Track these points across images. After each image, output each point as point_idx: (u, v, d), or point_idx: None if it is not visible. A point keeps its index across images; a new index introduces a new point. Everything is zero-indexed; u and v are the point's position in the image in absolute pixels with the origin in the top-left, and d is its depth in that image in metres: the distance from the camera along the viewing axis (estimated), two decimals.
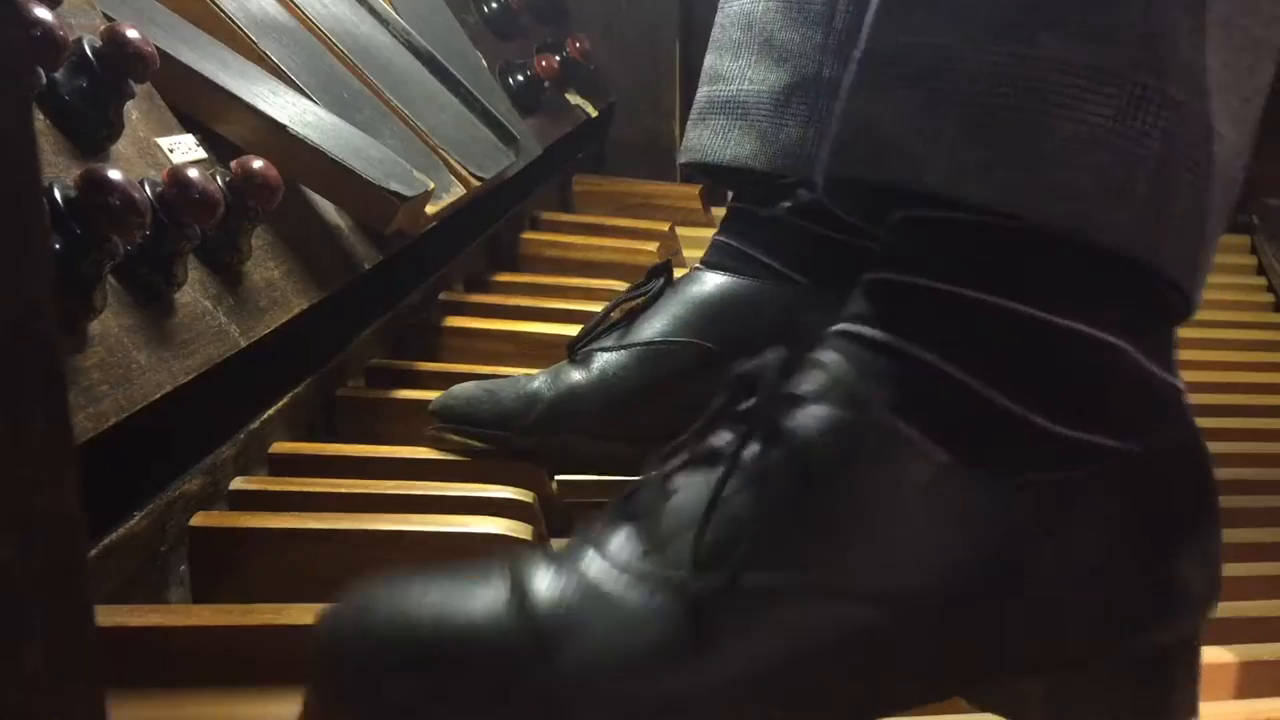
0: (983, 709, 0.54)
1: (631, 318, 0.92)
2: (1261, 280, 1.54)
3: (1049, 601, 0.50)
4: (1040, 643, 0.50)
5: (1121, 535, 0.50)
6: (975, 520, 0.49)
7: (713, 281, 0.92)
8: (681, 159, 0.93)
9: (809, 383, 0.50)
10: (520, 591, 0.48)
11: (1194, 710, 0.54)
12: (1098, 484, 0.50)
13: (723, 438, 0.50)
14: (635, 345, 0.88)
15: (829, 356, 0.51)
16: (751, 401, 0.50)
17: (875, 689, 0.49)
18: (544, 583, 0.48)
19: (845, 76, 0.52)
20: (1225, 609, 0.77)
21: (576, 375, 0.87)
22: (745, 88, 0.88)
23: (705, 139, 0.90)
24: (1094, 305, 0.50)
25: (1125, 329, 0.51)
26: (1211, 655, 0.71)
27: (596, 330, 0.90)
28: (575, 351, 0.89)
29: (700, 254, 1.59)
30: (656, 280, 0.94)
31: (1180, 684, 0.53)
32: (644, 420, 0.73)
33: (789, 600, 0.47)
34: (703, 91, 0.91)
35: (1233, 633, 0.74)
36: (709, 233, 1.59)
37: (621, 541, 0.49)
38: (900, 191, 0.50)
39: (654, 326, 0.90)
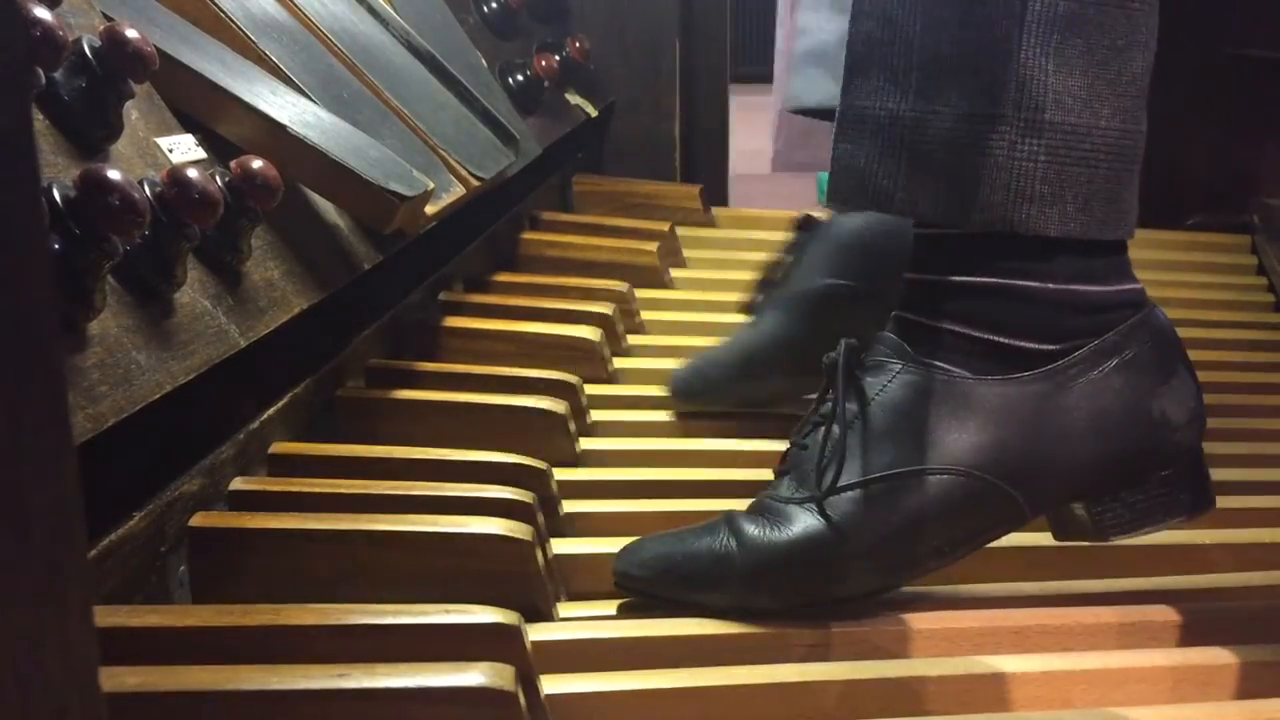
0: (1060, 531, 0.77)
1: (787, 271, 1.10)
2: (1261, 280, 1.54)
3: (1070, 450, 0.72)
4: (1074, 479, 0.73)
5: (1110, 393, 0.73)
6: (999, 411, 0.72)
7: (848, 225, 1.06)
8: (785, 106, 1.23)
9: (874, 354, 0.75)
10: (736, 530, 0.74)
11: (1211, 502, 0.76)
12: (1076, 368, 0.73)
13: (828, 405, 0.75)
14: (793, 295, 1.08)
15: (885, 335, 0.75)
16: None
17: (957, 533, 0.73)
18: (749, 525, 0.74)
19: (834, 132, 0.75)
20: (1225, 609, 0.77)
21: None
22: (821, 37, 1.13)
23: (797, 87, 1.16)
24: (1042, 268, 0.72)
25: (1075, 276, 0.72)
26: (1211, 655, 0.71)
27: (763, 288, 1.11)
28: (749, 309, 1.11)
29: (700, 254, 1.59)
30: (802, 233, 1.10)
31: (1192, 482, 0.75)
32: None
33: (888, 487, 0.72)
34: (794, 45, 1.16)
35: (1233, 633, 0.74)
36: (709, 232, 1.61)
37: (783, 486, 0.75)
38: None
39: (801, 278, 1.08)
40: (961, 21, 0.69)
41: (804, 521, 0.72)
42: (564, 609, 0.75)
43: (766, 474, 0.93)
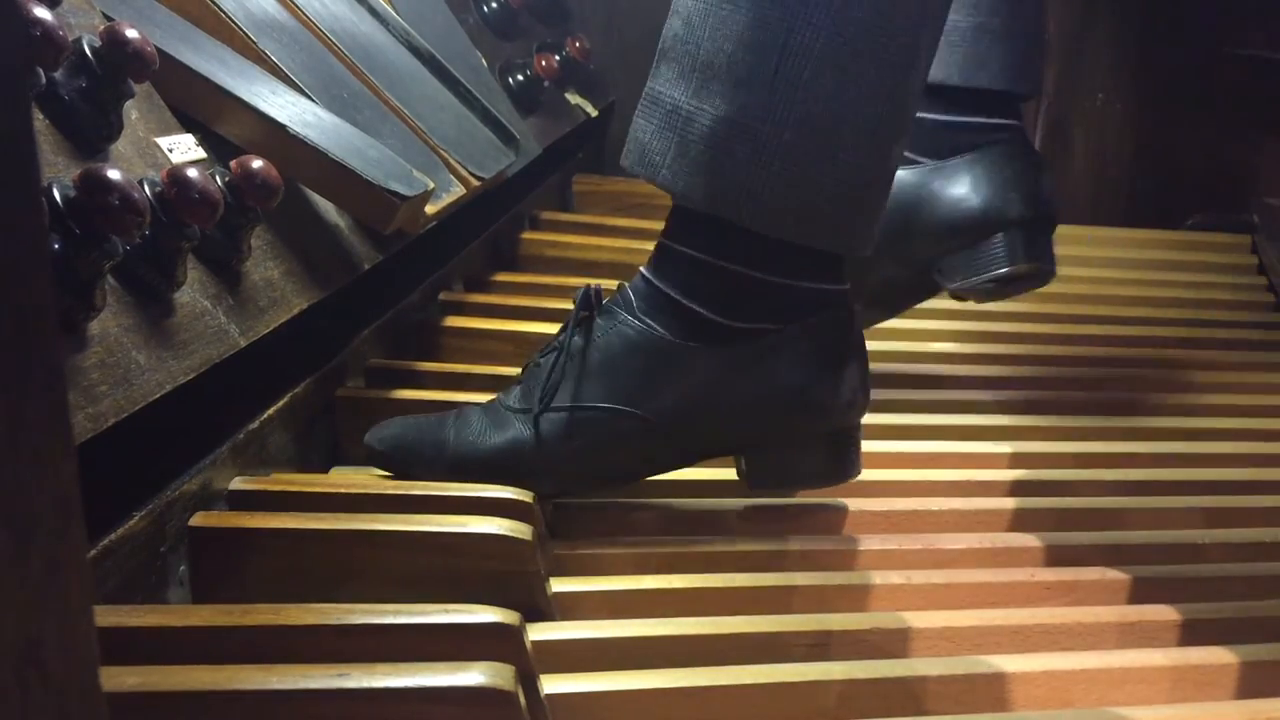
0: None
1: None
2: (1261, 280, 1.54)
3: (742, 412, 0.84)
4: (739, 437, 0.86)
5: (784, 373, 0.83)
6: (693, 372, 0.83)
7: None
8: None
9: (613, 300, 0.86)
10: (460, 424, 0.86)
11: (853, 473, 0.87)
12: (763, 346, 0.83)
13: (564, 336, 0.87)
14: None
15: (624, 288, 0.86)
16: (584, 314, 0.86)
17: (635, 465, 0.86)
18: (473, 422, 0.86)
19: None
20: (1225, 609, 0.77)
21: None
22: None
23: None
24: (756, 257, 0.82)
25: (779, 270, 0.82)
26: (1211, 655, 0.71)
27: None
28: None
29: None
30: None
31: (840, 456, 0.86)
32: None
33: (583, 416, 0.84)
34: None
35: (1233, 633, 0.74)
36: None
37: (513, 395, 0.86)
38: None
39: None
40: (738, 40, 0.79)
41: (515, 430, 0.85)
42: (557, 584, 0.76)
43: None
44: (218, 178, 0.74)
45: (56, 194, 0.60)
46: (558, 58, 1.51)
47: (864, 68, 0.79)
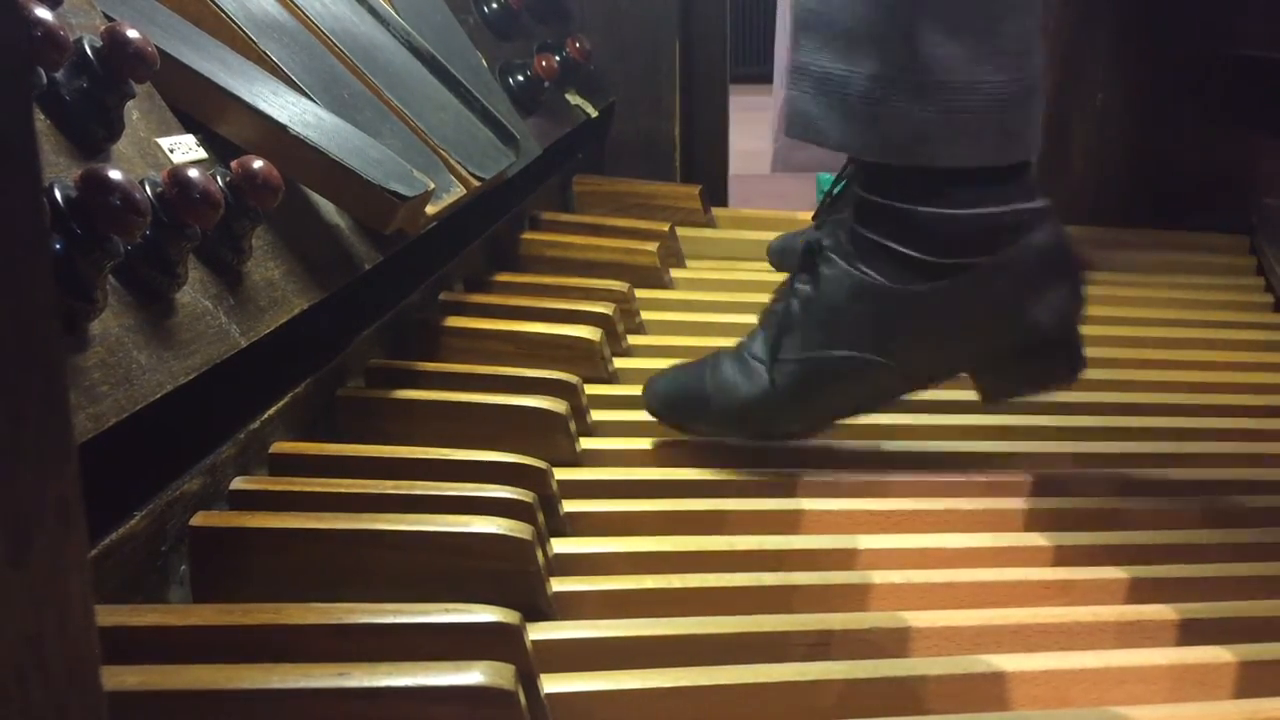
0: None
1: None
2: (1261, 280, 1.54)
3: (966, 340, 0.89)
4: (965, 358, 0.91)
5: (999, 301, 0.88)
6: (911, 310, 0.89)
7: None
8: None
9: (830, 250, 0.91)
10: (717, 374, 0.97)
11: (1080, 365, 0.92)
12: (973, 278, 0.87)
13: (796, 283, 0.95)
14: None
15: (840, 236, 0.91)
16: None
17: (874, 400, 0.95)
18: (727, 371, 0.97)
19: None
20: (1225, 609, 0.77)
21: None
22: None
23: None
24: (949, 192, 0.87)
25: (970, 201, 0.86)
26: (1211, 655, 0.71)
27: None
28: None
29: (700, 254, 1.59)
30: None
31: (1070, 357, 0.91)
32: None
33: (816, 364, 0.92)
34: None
35: (1233, 633, 0.74)
36: (709, 233, 1.61)
37: (757, 342, 0.96)
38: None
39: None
40: (867, 2, 0.85)
41: (760, 380, 0.94)
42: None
43: (764, 474, 0.94)
44: (219, 178, 0.74)
45: (58, 194, 0.60)
46: (558, 58, 1.51)
47: None
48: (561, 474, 0.89)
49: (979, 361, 0.91)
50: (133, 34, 0.70)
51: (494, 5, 1.51)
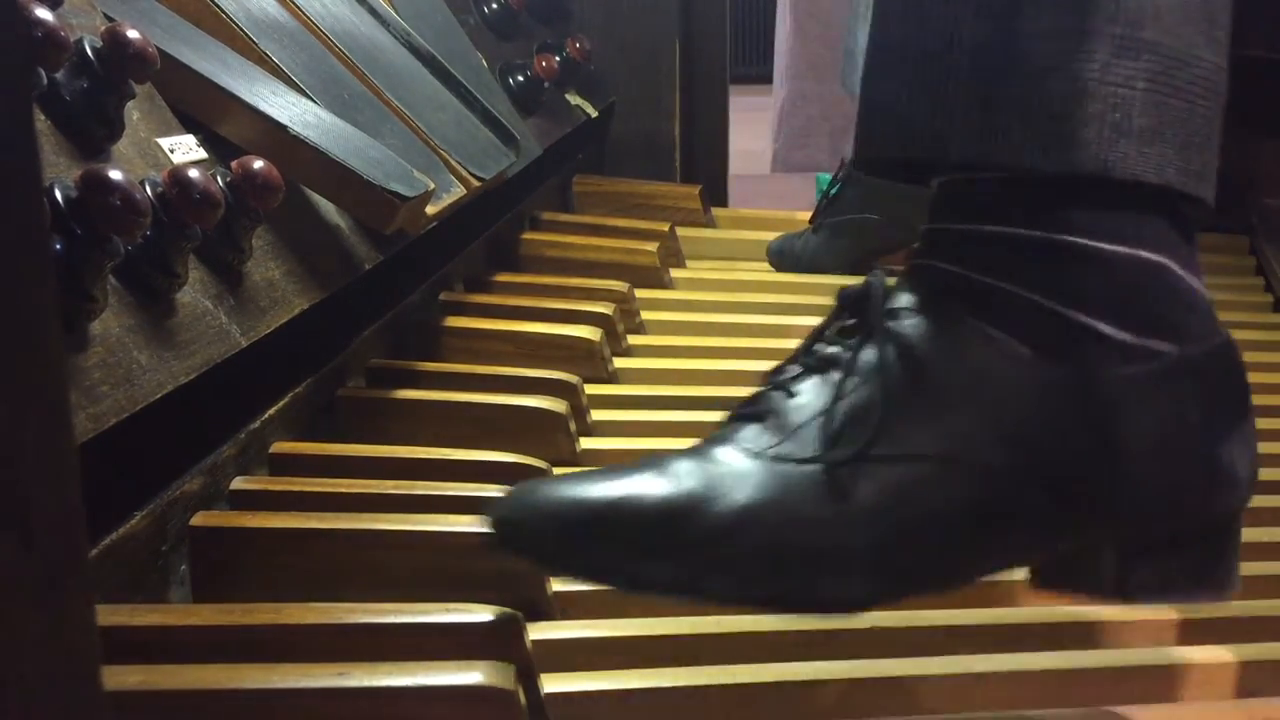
0: (1062, 579, 0.63)
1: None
2: (1260, 280, 1.54)
3: (1123, 477, 0.59)
4: (1115, 514, 0.60)
5: (1182, 423, 0.59)
6: (1057, 407, 0.58)
7: None
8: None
9: (904, 301, 0.60)
10: (666, 471, 0.57)
11: (1236, 582, 0.64)
12: (1160, 379, 0.59)
13: (832, 349, 0.60)
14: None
15: (915, 284, 0.60)
16: (852, 320, 0.60)
17: (979, 548, 0.59)
18: (686, 466, 0.58)
19: (859, 67, 0.64)
20: (1225, 609, 0.77)
21: None
22: None
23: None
24: (1133, 232, 0.59)
25: (1164, 248, 0.59)
26: (1211, 655, 0.71)
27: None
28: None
29: (700, 254, 1.59)
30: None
31: (1226, 556, 0.64)
32: None
33: (908, 471, 0.57)
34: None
35: (1233, 633, 0.74)
36: (709, 233, 1.61)
37: (752, 435, 0.59)
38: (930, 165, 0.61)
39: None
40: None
41: (802, 487, 0.56)
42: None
43: None
44: (219, 178, 0.74)
45: (58, 194, 0.60)
46: (558, 58, 1.51)
47: None
48: (561, 474, 0.89)
49: (1133, 520, 0.60)
50: (133, 34, 0.70)
51: (494, 5, 1.51)
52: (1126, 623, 0.75)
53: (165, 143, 0.76)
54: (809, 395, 0.59)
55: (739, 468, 0.57)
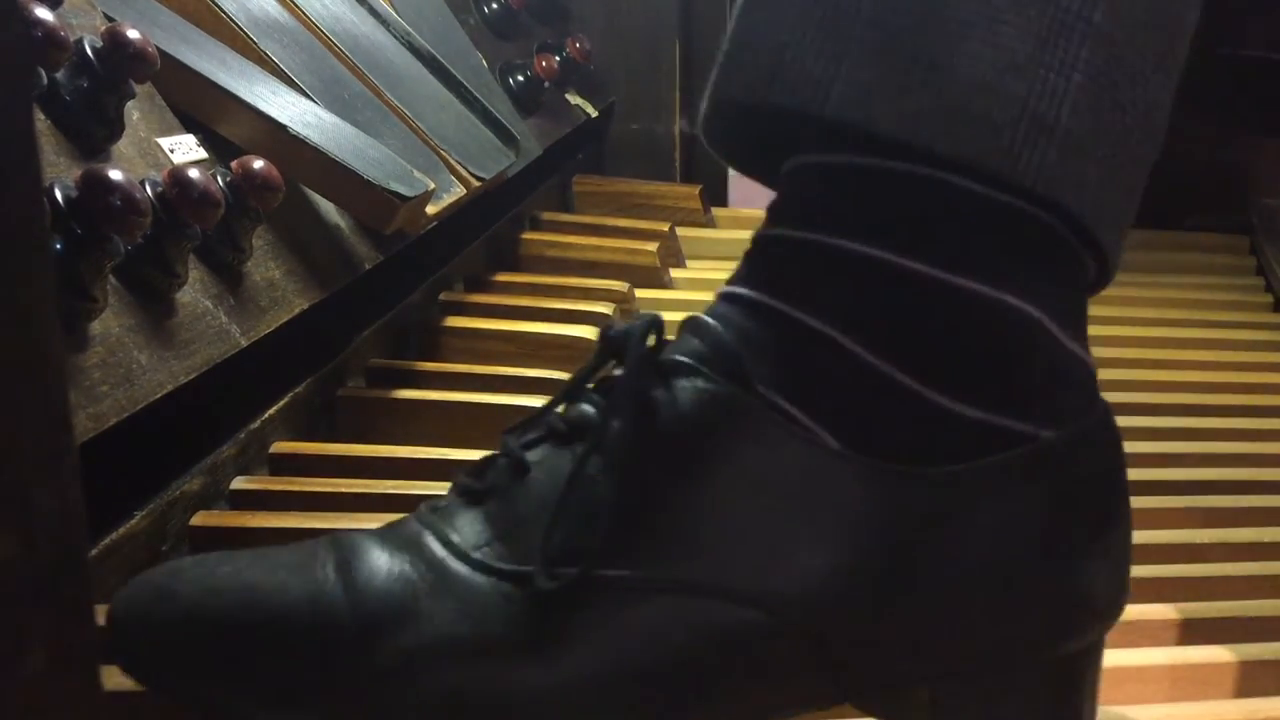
0: (867, 714, 0.50)
1: None
2: (1260, 280, 1.54)
3: (941, 607, 0.45)
4: (930, 652, 0.46)
5: (1024, 535, 0.46)
6: (865, 518, 0.44)
7: None
8: None
9: (684, 350, 0.45)
10: (345, 569, 0.43)
11: None
12: (1004, 475, 0.45)
13: (586, 409, 0.46)
14: None
15: (708, 324, 0.46)
16: (618, 370, 0.45)
17: (744, 700, 0.45)
18: (375, 567, 0.43)
19: None
20: (1225, 609, 0.77)
21: None
22: None
23: None
24: (1005, 267, 0.45)
25: (1038, 296, 0.46)
26: (1211, 655, 0.71)
27: None
28: None
29: (700, 254, 1.61)
30: None
31: (1081, 695, 0.50)
32: None
33: (649, 599, 0.43)
34: None
35: (1233, 633, 0.74)
36: (709, 233, 1.61)
37: (467, 526, 0.45)
38: (795, 133, 0.47)
39: None
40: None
41: (505, 614, 0.42)
42: None
43: None
44: (219, 178, 0.74)
45: (58, 194, 0.60)
46: (558, 58, 1.51)
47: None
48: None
49: (960, 653, 0.47)
50: (133, 34, 0.70)
51: (494, 5, 1.51)
52: (1126, 623, 0.75)
53: (165, 143, 0.76)
54: (544, 474, 0.45)
55: (438, 574, 0.43)
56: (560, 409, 0.47)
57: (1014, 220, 0.45)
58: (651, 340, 0.46)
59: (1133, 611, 0.76)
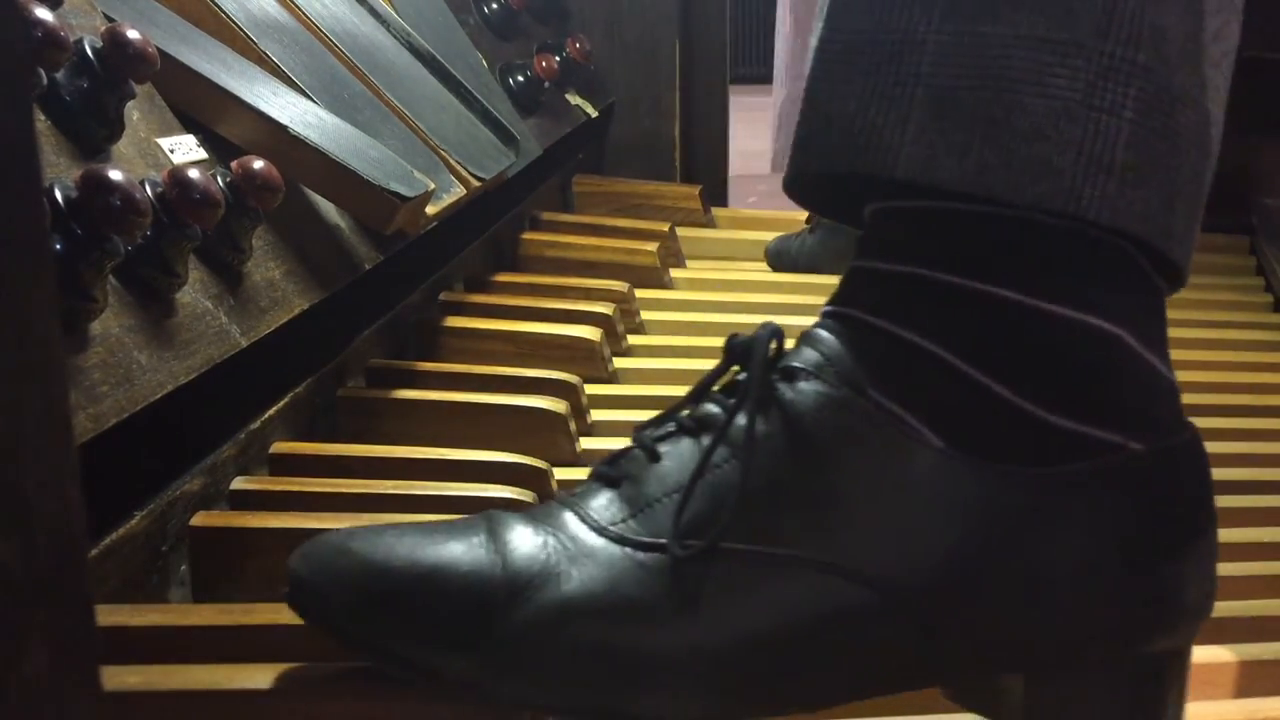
0: (960, 705, 0.54)
1: None
2: (1260, 280, 1.54)
3: (1037, 599, 0.49)
4: (1024, 641, 0.50)
5: (1117, 536, 0.50)
6: (966, 509, 0.49)
7: None
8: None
9: (802, 358, 0.50)
10: (497, 539, 0.49)
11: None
12: (1095, 480, 0.50)
13: (712, 408, 0.51)
14: None
15: (823, 336, 0.51)
16: (742, 374, 0.51)
17: (850, 671, 0.49)
18: (521, 536, 0.49)
19: (806, 66, 0.53)
20: (1225, 609, 0.77)
21: None
22: None
23: None
24: (1089, 292, 0.49)
25: (1122, 318, 0.50)
26: (1211, 655, 0.71)
27: None
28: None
29: (700, 254, 1.60)
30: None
31: (1168, 697, 0.52)
32: None
33: (769, 572, 0.48)
34: None
35: (1233, 633, 0.74)
36: (709, 233, 1.61)
37: (603, 504, 0.50)
38: (873, 182, 0.51)
39: None
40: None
41: (640, 579, 0.47)
42: None
43: None
44: (219, 178, 0.74)
45: (58, 194, 0.60)
46: (558, 58, 1.51)
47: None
48: (561, 474, 0.89)
49: (1063, 641, 0.50)
50: (133, 34, 0.70)
51: (494, 5, 1.51)
52: None
53: (165, 143, 0.76)
54: (674, 461, 0.50)
55: (578, 544, 0.48)
56: (686, 411, 0.52)
57: (1087, 248, 0.49)
58: (773, 347, 0.51)
59: None
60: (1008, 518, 0.49)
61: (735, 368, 0.51)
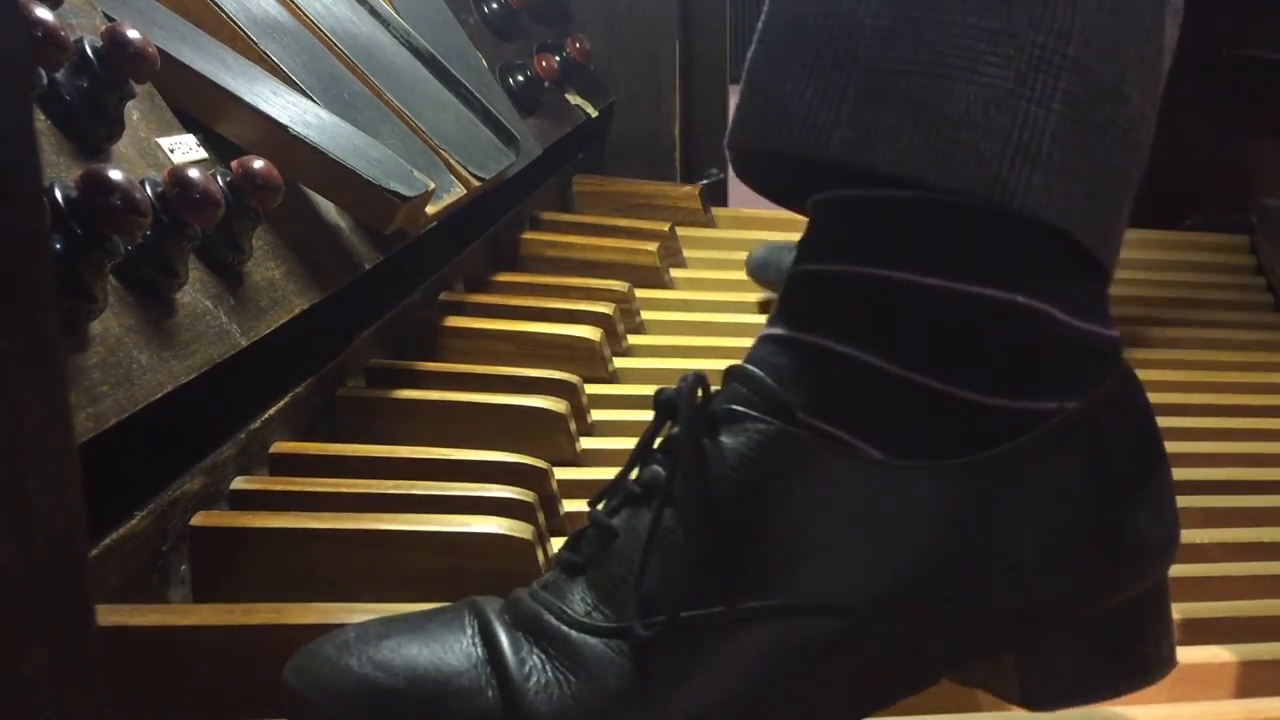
0: (959, 683, 0.56)
1: None
2: (1261, 280, 1.54)
3: (1006, 584, 0.50)
4: (1005, 623, 0.51)
5: (1070, 498, 0.50)
6: (918, 516, 0.49)
7: None
8: None
9: (730, 399, 0.50)
10: (492, 648, 0.49)
11: (1172, 659, 0.55)
12: (1037, 451, 0.50)
13: (657, 469, 0.50)
14: None
15: (749, 371, 0.51)
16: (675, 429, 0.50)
17: (844, 698, 0.50)
18: (512, 648, 0.48)
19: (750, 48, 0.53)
20: (1225, 609, 0.77)
21: None
22: None
23: None
24: (1010, 272, 0.50)
25: (1046, 292, 0.50)
26: (1211, 655, 0.71)
27: None
28: None
29: (700, 254, 1.60)
30: None
31: (1151, 635, 0.54)
32: None
33: (738, 630, 0.48)
34: None
35: (1233, 633, 0.74)
36: (709, 233, 1.61)
37: (575, 597, 0.50)
38: (808, 166, 0.51)
39: None
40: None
41: (612, 670, 0.47)
42: None
43: None
44: (219, 178, 0.74)
45: (58, 194, 0.60)
46: (558, 58, 1.51)
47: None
48: (561, 474, 0.89)
49: (1024, 622, 0.51)
50: (133, 34, 0.70)
51: (494, 5, 1.51)
52: None
53: (165, 143, 0.76)
54: (629, 535, 0.50)
55: (558, 647, 0.48)
56: (634, 474, 0.52)
57: (1014, 232, 0.50)
58: (700, 395, 0.50)
59: None
60: (961, 512, 0.49)
61: (669, 423, 0.51)
